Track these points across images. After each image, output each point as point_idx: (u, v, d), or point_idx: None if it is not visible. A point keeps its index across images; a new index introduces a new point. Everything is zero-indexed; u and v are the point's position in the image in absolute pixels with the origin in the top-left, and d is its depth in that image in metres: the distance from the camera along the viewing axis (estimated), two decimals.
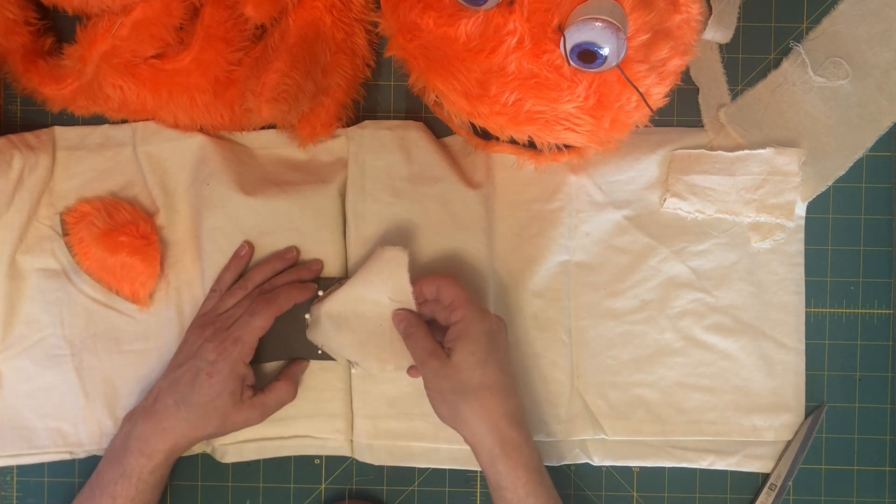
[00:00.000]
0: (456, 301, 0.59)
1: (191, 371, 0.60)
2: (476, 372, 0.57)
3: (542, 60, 0.54)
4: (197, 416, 0.59)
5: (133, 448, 0.59)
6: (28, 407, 0.66)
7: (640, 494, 0.68)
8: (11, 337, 0.65)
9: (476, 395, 0.57)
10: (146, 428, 0.59)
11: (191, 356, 0.61)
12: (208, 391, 0.59)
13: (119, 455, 0.60)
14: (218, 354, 0.60)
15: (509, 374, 0.59)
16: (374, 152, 0.66)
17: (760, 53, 0.68)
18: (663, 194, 0.67)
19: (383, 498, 0.68)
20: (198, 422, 0.59)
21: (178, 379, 0.60)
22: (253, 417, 0.61)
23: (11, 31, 0.63)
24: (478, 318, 0.58)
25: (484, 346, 0.58)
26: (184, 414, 0.59)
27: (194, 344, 0.61)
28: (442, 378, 0.58)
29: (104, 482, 0.60)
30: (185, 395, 0.59)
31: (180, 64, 0.61)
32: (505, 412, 0.57)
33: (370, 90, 0.67)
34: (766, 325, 0.67)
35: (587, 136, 0.58)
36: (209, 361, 0.59)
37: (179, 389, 0.60)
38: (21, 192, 0.65)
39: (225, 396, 0.59)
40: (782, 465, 0.66)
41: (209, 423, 0.60)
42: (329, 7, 0.61)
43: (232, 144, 0.67)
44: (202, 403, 0.59)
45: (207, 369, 0.59)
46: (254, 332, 0.60)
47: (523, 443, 0.58)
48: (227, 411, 0.60)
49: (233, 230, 0.64)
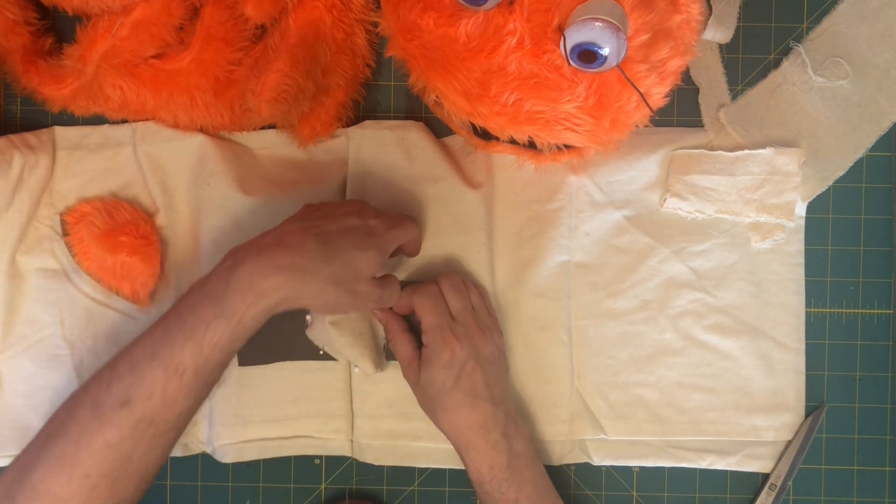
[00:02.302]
0: (424, 324, 0.60)
1: (345, 222, 0.52)
2: (438, 397, 0.59)
3: (542, 60, 0.54)
4: (336, 269, 0.50)
5: (240, 284, 0.49)
6: (28, 407, 0.66)
7: (640, 494, 0.68)
8: (11, 337, 0.65)
9: (442, 414, 0.60)
10: (263, 263, 0.49)
11: (341, 213, 0.53)
12: (361, 252, 0.52)
13: (217, 293, 0.49)
14: (379, 223, 0.54)
15: (480, 392, 0.59)
16: (374, 152, 0.66)
17: (760, 53, 0.68)
18: (663, 194, 0.67)
19: (383, 498, 0.68)
20: (331, 278, 0.50)
21: (324, 225, 0.51)
22: (362, 304, 0.55)
23: (11, 31, 0.63)
24: (440, 349, 0.59)
25: (444, 377, 0.59)
26: (323, 257, 0.50)
27: (336, 210, 0.54)
28: (416, 389, 0.61)
29: (189, 324, 0.49)
30: (332, 239, 0.51)
31: (180, 64, 0.61)
32: (474, 423, 0.59)
33: (370, 90, 0.67)
34: (767, 325, 0.67)
35: (587, 136, 0.58)
36: (371, 225, 0.54)
37: (326, 233, 0.51)
38: (21, 192, 0.65)
39: (374, 266, 0.53)
40: (782, 465, 0.66)
41: (340, 287, 0.51)
42: (329, 7, 0.61)
43: (232, 144, 0.67)
44: (351, 258, 0.51)
45: (368, 230, 0.53)
46: (398, 238, 0.57)
47: (489, 447, 0.59)
48: (366, 273, 0.53)
49: (233, 230, 0.64)
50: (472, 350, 0.59)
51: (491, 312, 0.65)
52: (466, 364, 0.59)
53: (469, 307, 0.62)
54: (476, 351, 0.60)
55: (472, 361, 0.59)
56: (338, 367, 0.66)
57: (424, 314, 0.60)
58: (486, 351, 0.61)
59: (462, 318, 0.61)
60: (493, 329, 0.63)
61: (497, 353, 0.62)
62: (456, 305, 0.61)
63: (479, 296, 0.64)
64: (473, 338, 0.60)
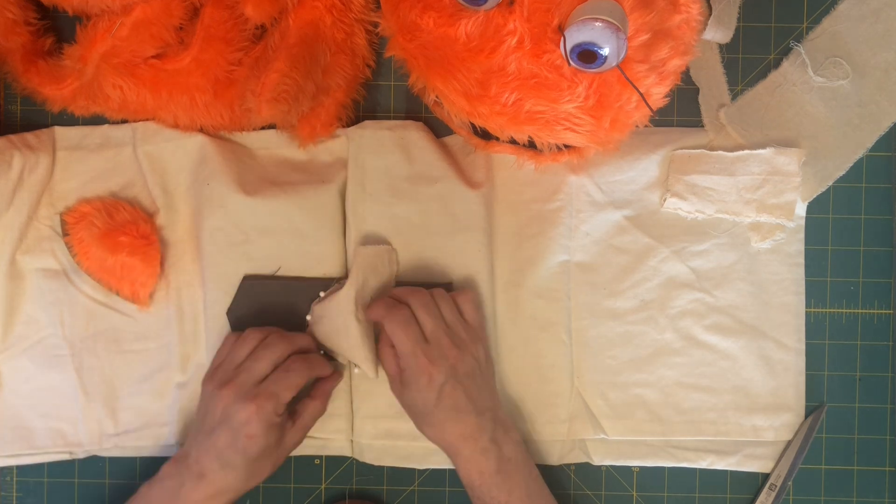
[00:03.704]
0: (398, 350, 0.60)
1: (227, 434, 0.58)
2: (421, 416, 0.60)
3: (542, 60, 0.54)
4: (249, 472, 0.58)
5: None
6: (28, 407, 0.66)
7: (640, 494, 0.68)
8: (11, 337, 0.65)
9: (429, 428, 0.60)
10: (197, 495, 0.58)
11: (222, 419, 0.58)
12: (253, 449, 0.58)
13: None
14: (251, 413, 0.57)
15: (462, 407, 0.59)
16: (374, 152, 0.66)
17: (760, 53, 0.68)
18: (663, 194, 0.67)
19: (383, 498, 0.68)
20: (251, 475, 0.59)
21: (216, 444, 0.58)
22: (297, 441, 0.62)
23: (11, 31, 0.63)
24: (416, 375, 0.59)
25: (425, 399, 0.59)
26: (234, 475, 0.58)
27: (218, 406, 0.59)
28: (402, 402, 0.62)
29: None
30: (229, 459, 0.58)
31: (180, 64, 0.61)
32: (460, 435, 0.59)
33: (370, 90, 0.67)
34: (767, 325, 0.67)
35: (587, 136, 0.58)
36: (243, 422, 0.57)
37: (223, 454, 0.58)
38: (21, 192, 0.65)
39: (271, 447, 0.59)
40: (782, 465, 0.66)
41: (263, 471, 0.60)
42: (329, 7, 0.61)
43: (232, 144, 0.67)
44: (250, 461, 0.58)
45: (245, 431, 0.57)
46: (290, 388, 0.59)
47: (477, 454, 0.59)
48: (276, 456, 0.60)
49: (233, 230, 0.64)
50: (448, 371, 0.59)
51: (471, 321, 0.63)
52: (445, 386, 0.59)
53: (441, 326, 0.60)
54: (453, 371, 0.59)
55: (450, 382, 0.59)
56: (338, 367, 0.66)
57: (396, 341, 0.60)
58: (464, 367, 0.60)
59: (434, 337, 0.60)
60: (471, 341, 0.62)
61: (476, 364, 0.61)
62: (428, 326, 0.60)
63: (453, 308, 0.62)
64: (449, 358, 0.59)
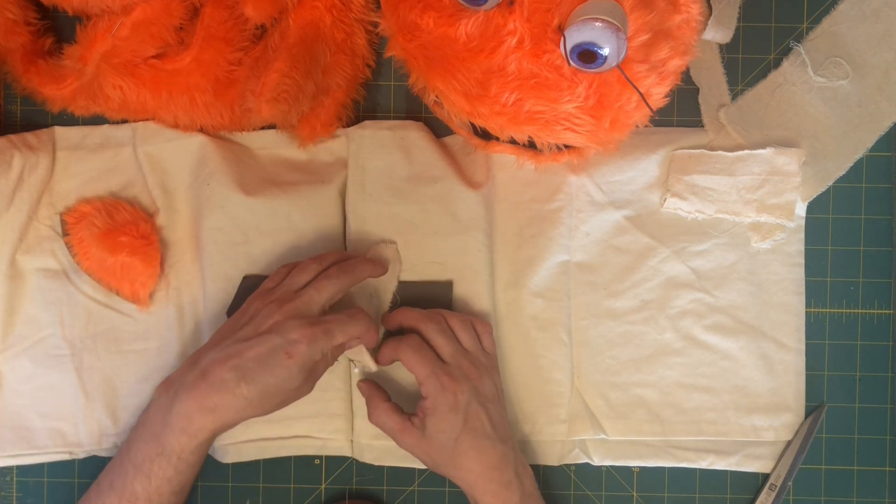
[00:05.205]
0: (418, 376, 0.59)
1: (263, 346, 0.53)
2: (449, 443, 0.58)
3: (542, 60, 0.54)
4: (260, 395, 0.53)
5: (174, 425, 0.53)
6: (28, 407, 0.66)
7: (640, 494, 0.68)
8: (11, 337, 0.65)
9: (454, 462, 0.58)
10: (191, 404, 0.53)
11: (265, 332, 0.54)
12: (283, 372, 0.53)
13: (157, 431, 0.54)
14: (306, 336, 0.53)
15: (488, 433, 0.58)
16: (374, 152, 0.66)
17: (760, 53, 0.68)
18: (663, 194, 0.67)
19: (383, 498, 0.68)
20: (259, 402, 0.53)
21: (242, 352, 0.53)
22: (304, 393, 0.57)
23: (11, 31, 0.63)
24: (441, 397, 0.57)
25: (452, 422, 0.57)
26: (244, 392, 0.52)
27: (267, 321, 0.54)
28: (419, 451, 0.59)
29: (138, 459, 0.54)
30: (250, 371, 0.52)
31: (180, 64, 0.61)
32: (487, 466, 0.58)
33: (370, 90, 0.67)
34: (767, 325, 0.67)
35: (587, 136, 0.58)
36: (292, 341, 0.53)
37: (243, 364, 0.52)
38: (21, 192, 0.65)
39: (300, 380, 0.54)
40: (782, 465, 0.66)
41: (271, 403, 0.54)
42: (329, 7, 0.61)
43: (232, 144, 0.67)
44: (272, 384, 0.53)
45: (287, 349, 0.53)
46: (345, 335, 0.56)
47: (502, 488, 0.58)
48: (295, 393, 0.55)
49: (233, 230, 0.64)
50: (472, 391, 0.58)
51: (489, 350, 0.63)
52: (470, 405, 0.58)
53: (459, 349, 0.60)
54: (476, 391, 0.59)
55: (474, 402, 0.58)
56: (338, 367, 0.65)
57: (413, 367, 0.59)
58: (485, 390, 0.59)
59: (454, 360, 0.59)
60: (490, 368, 0.62)
61: (496, 391, 0.61)
62: (446, 349, 0.59)
63: (472, 335, 0.62)
64: (471, 378, 0.59)
